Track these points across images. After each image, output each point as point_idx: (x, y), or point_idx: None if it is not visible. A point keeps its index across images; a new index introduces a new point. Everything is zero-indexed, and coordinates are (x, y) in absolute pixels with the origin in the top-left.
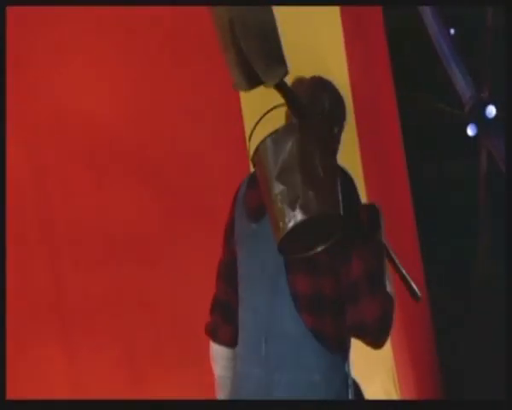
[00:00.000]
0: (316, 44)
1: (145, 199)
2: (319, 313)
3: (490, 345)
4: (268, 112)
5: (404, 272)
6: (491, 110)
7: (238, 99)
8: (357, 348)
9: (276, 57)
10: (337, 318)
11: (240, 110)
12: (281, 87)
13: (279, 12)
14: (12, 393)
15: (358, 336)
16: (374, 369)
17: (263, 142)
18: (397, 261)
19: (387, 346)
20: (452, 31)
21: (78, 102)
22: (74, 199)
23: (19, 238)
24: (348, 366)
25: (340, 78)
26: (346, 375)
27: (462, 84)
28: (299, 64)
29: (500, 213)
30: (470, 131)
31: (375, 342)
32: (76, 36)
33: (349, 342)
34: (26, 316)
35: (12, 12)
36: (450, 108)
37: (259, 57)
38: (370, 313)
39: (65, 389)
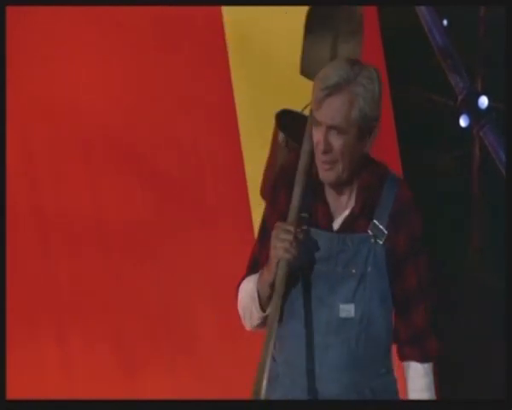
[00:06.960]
0: None
1: (138, 192)
2: None
3: (489, 345)
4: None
5: None
6: (484, 101)
7: (231, 90)
8: None
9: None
10: None
11: (233, 100)
12: None
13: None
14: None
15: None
16: None
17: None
18: None
19: None
20: (445, 21)
21: (74, 97)
22: (68, 193)
23: (13, 233)
24: None
25: None
26: None
27: (454, 74)
28: (294, 62)
29: (493, 203)
30: (463, 121)
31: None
32: (74, 35)
33: None
34: (20, 313)
35: (12, 12)
36: (442, 98)
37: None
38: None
39: (59, 385)
